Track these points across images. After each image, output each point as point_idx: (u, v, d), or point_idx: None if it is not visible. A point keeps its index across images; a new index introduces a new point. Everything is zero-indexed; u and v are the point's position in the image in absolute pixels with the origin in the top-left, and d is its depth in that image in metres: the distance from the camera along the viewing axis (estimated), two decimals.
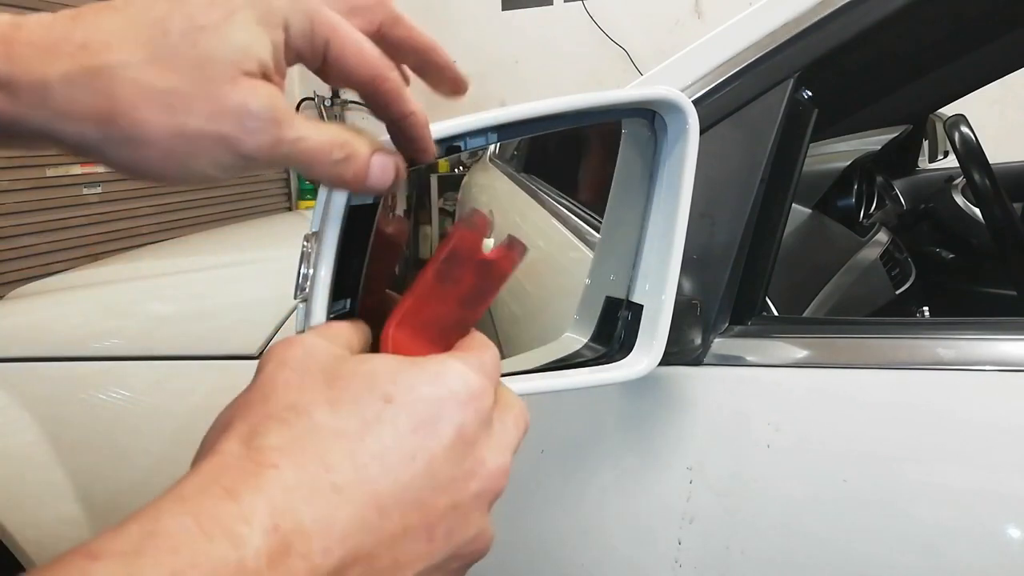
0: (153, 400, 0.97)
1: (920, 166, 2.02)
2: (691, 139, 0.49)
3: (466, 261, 0.33)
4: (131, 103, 0.27)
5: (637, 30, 3.88)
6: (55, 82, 0.27)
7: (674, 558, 0.59)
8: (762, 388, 0.60)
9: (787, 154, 0.64)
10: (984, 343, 0.56)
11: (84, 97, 0.27)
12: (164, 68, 0.27)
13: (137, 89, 0.27)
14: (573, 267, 0.74)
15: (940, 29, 0.95)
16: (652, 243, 0.54)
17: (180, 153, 0.28)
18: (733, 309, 0.64)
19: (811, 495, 0.56)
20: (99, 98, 0.27)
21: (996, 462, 0.52)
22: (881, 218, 1.52)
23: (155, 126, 0.27)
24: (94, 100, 0.27)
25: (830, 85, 0.73)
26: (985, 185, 1.33)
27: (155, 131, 0.27)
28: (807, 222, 1.21)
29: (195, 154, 0.28)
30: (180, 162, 0.28)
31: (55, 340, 1.06)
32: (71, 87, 0.27)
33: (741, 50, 0.65)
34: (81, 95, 0.27)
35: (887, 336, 0.60)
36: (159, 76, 0.27)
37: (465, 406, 0.29)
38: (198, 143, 0.28)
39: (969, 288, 1.69)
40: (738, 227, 0.62)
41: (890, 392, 0.56)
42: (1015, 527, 0.51)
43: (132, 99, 0.27)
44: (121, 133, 0.27)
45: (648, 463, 0.62)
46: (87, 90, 0.27)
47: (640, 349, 0.54)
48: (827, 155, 1.38)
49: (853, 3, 0.62)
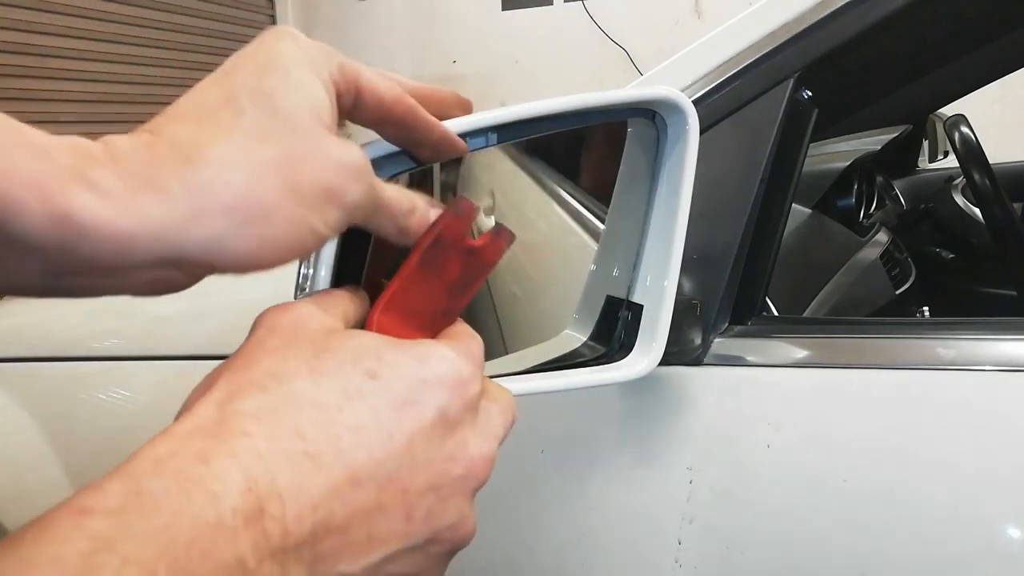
0: (153, 400, 0.97)
1: (920, 166, 2.02)
2: (691, 139, 0.49)
3: (452, 248, 0.33)
4: (246, 184, 0.27)
5: (637, 30, 3.88)
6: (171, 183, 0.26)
7: (674, 558, 0.59)
8: (762, 388, 0.60)
9: (787, 154, 0.64)
10: (984, 343, 0.56)
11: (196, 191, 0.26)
12: (258, 141, 0.27)
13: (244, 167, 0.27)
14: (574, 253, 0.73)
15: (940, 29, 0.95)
16: (652, 243, 0.54)
17: (297, 219, 0.28)
18: (733, 309, 0.64)
19: (811, 495, 0.56)
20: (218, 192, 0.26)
21: (996, 462, 0.52)
22: (881, 218, 1.52)
23: (272, 196, 0.27)
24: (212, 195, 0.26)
25: (830, 85, 0.73)
26: (985, 185, 1.33)
27: (273, 199, 0.27)
28: (807, 222, 1.21)
29: (309, 215, 0.28)
30: (298, 229, 0.28)
31: (55, 340, 1.06)
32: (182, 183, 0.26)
33: (741, 50, 0.65)
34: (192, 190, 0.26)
35: (887, 336, 0.60)
36: (257, 149, 0.27)
37: (450, 390, 0.29)
38: (312, 202, 0.28)
39: (969, 288, 1.69)
40: (738, 227, 0.62)
41: (890, 392, 0.56)
42: (1015, 527, 0.51)
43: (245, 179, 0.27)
44: (243, 216, 0.26)
45: (648, 463, 0.62)
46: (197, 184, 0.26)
47: (640, 349, 0.54)
48: (827, 155, 1.38)
49: (853, 3, 0.62)
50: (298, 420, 0.25)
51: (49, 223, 0.23)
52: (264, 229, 0.27)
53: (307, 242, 0.28)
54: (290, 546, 0.24)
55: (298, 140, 0.28)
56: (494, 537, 0.66)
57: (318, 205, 0.28)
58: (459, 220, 0.33)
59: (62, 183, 0.23)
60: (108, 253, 0.25)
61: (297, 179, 0.28)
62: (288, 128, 0.28)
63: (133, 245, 0.25)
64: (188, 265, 0.27)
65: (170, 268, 0.27)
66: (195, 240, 0.26)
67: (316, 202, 0.28)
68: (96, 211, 0.24)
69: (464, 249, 0.33)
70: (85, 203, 0.24)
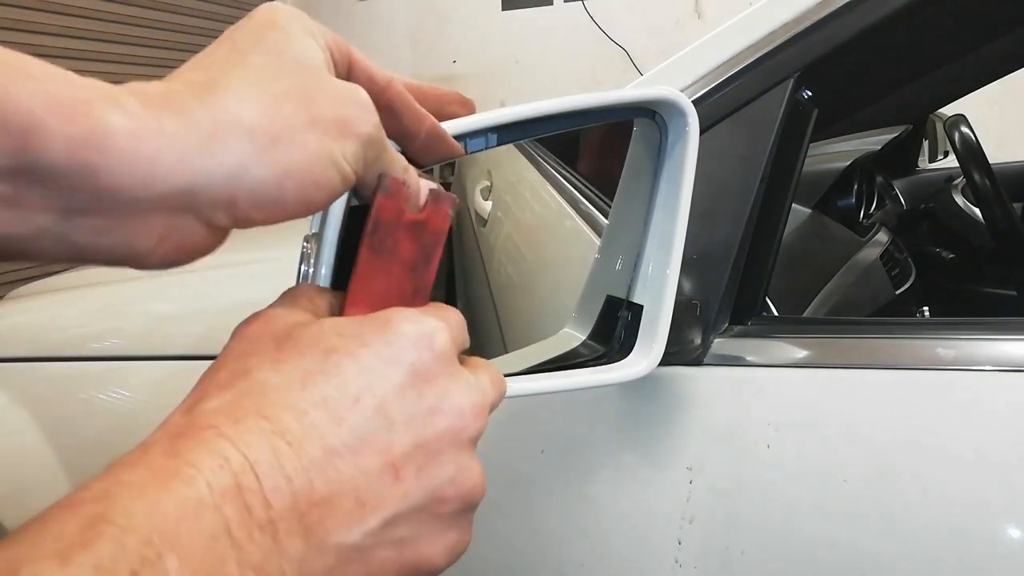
0: (153, 400, 0.97)
1: (920, 166, 2.02)
2: (691, 139, 0.50)
3: (395, 227, 0.32)
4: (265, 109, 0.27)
5: (637, 30, 3.88)
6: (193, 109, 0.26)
7: (674, 558, 0.59)
8: (762, 388, 0.60)
9: (787, 154, 0.64)
10: (984, 343, 0.56)
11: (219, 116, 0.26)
12: (271, 77, 0.28)
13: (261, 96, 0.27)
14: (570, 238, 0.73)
15: (940, 29, 0.95)
16: (653, 243, 0.54)
17: (319, 148, 0.28)
18: (733, 309, 0.64)
19: (811, 495, 0.56)
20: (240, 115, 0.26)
21: (996, 462, 0.52)
22: (881, 218, 1.52)
23: (293, 122, 0.27)
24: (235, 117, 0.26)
25: (830, 85, 0.73)
26: (985, 185, 1.33)
27: (294, 124, 0.27)
28: (807, 222, 1.21)
29: (329, 143, 0.28)
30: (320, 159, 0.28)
31: (55, 340, 1.06)
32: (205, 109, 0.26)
33: (741, 50, 0.65)
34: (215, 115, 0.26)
35: (887, 336, 0.60)
36: (271, 83, 0.28)
37: (415, 344, 0.29)
38: (329, 129, 0.28)
39: (969, 288, 1.69)
40: (738, 227, 0.62)
41: (890, 392, 0.56)
42: (1015, 527, 0.51)
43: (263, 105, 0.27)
44: (267, 138, 0.27)
45: (648, 463, 0.62)
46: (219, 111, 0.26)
47: (640, 350, 0.54)
48: (827, 155, 1.38)
49: (853, 3, 0.62)
50: (261, 404, 0.26)
51: (71, 145, 0.23)
52: (288, 154, 0.27)
53: (331, 177, 0.28)
54: (276, 519, 0.24)
55: (308, 77, 0.29)
56: (494, 537, 0.66)
57: (336, 135, 0.28)
58: (389, 199, 0.32)
59: (86, 104, 0.24)
60: (130, 179, 0.24)
61: (313, 109, 0.28)
62: (297, 67, 0.29)
63: (155, 169, 0.24)
64: (210, 203, 0.26)
65: (189, 214, 0.26)
66: (219, 163, 0.26)
67: (333, 131, 0.28)
68: (121, 127, 0.24)
69: (408, 225, 0.32)
70: (111, 120, 0.24)
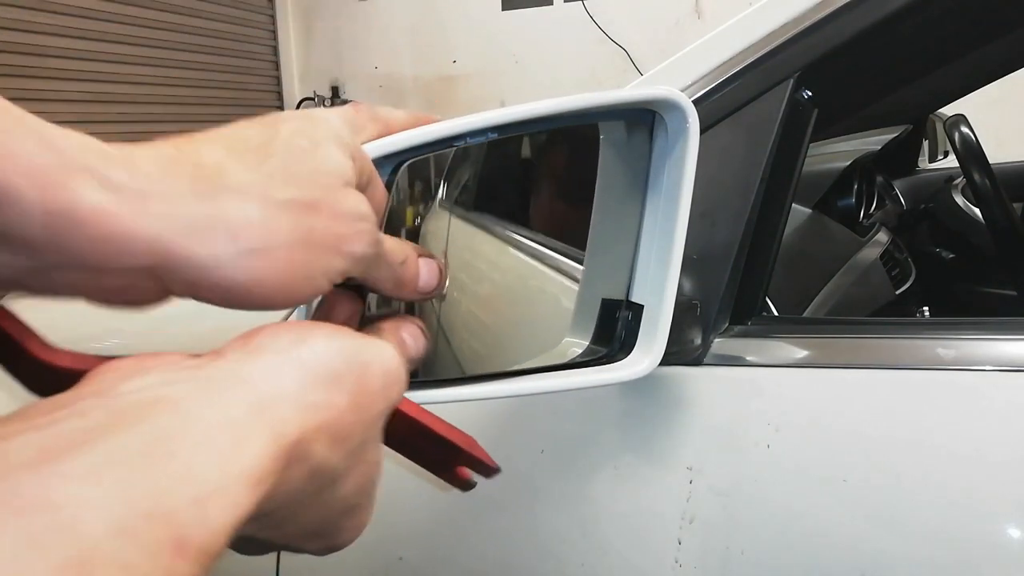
0: None
1: (920, 166, 2.02)
2: (691, 139, 0.49)
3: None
4: (261, 216, 0.27)
5: (637, 30, 3.88)
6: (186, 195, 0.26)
7: (674, 558, 0.59)
8: (762, 388, 0.60)
9: (787, 154, 0.64)
10: (984, 343, 0.56)
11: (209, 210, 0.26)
12: (281, 182, 0.28)
13: (263, 201, 0.27)
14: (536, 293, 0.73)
15: (940, 29, 0.95)
16: (651, 243, 0.54)
17: (300, 263, 0.28)
18: (733, 309, 0.64)
19: (811, 495, 0.56)
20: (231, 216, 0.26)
21: (996, 462, 0.52)
22: (881, 218, 1.52)
23: (284, 235, 0.27)
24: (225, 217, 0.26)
25: (830, 85, 0.73)
26: (985, 185, 1.33)
27: (283, 238, 0.27)
28: (807, 222, 1.21)
29: (313, 261, 0.28)
30: (296, 273, 0.28)
31: (55, 340, 1.06)
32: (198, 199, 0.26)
33: (741, 50, 0.65)
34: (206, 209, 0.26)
35: (887, 336, 0.60)
36: (279, 189, 0.28)
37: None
38: (319, 247, 0.28)
39: (969, 288, 1.69)
40: (738, 227, 0.62)
41: (890, 392, 0.56)
42: (1015, 527, 0.51)
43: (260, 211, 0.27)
44: (249, 245, 0.26)
45: (648, 463, 0.62)
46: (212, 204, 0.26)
47: (641, 349, 0.54)
48: (827, 155, 1.38)
49: (853, 3, 0.62)
50: None
51: (46, 215, 0.23)
52: (265, 264, 0.27)
53: (301, 289, 0.28)
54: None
55: (319, 190, 0.29)
56: (494, 536, 0.66)
57: (325, 252, 0.29)
58: None
59: (66, 174, 0.23)
60: (100, 251, 0.24)
61: (312, 223, 0.28)
62: (311, 178, 0.29)
63: (129, 247, 0.24)
64: (173, 280, 0.26)
65: (150, 279, 0.26)
66: (194, 256, 0.26)
67: (323, 248, 0.29)
68: (100, 205, 0.24)
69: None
70: (89, 196, 0.23)
